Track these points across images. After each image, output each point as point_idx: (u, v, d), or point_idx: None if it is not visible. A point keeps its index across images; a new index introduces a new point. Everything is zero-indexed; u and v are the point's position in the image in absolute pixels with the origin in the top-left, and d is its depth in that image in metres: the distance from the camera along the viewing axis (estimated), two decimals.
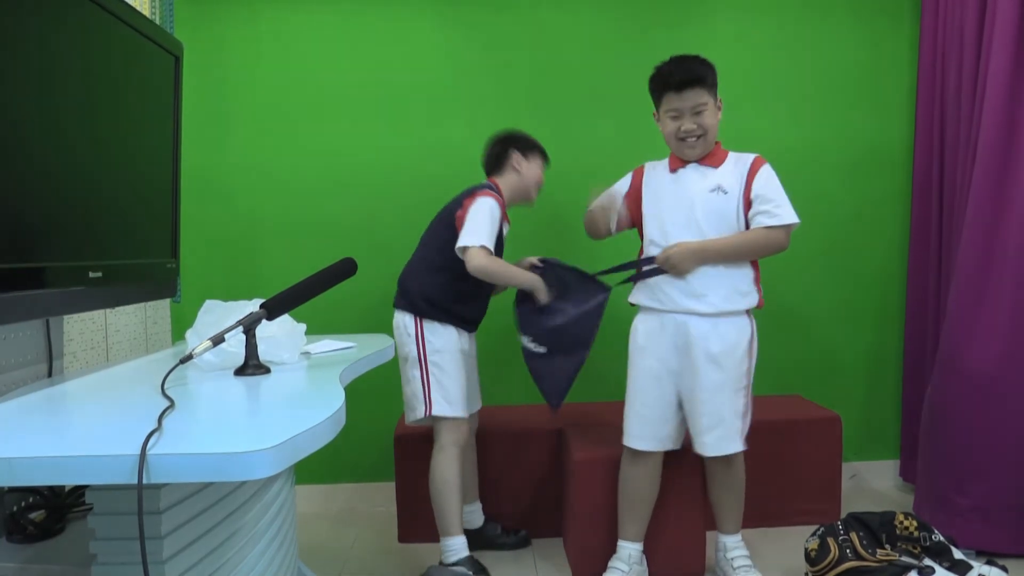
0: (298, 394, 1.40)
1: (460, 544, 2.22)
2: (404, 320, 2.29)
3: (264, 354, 1.59)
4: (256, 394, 1.38)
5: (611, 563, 2.20)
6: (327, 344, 1.95)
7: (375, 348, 1.91)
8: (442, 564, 2.22)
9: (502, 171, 2.36)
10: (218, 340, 1.48)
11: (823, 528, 2.13)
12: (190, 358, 1.45)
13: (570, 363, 2.25)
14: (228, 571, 1.37)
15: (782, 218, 2.04)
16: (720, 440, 2.07)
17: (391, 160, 2.90)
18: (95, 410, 1.28)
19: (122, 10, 1.69)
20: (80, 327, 2.05)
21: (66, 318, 1.94)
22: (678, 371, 2.11)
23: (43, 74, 1.43)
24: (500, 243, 2.27)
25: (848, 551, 2.03)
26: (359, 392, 2.81)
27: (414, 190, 2.90)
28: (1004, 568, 1.97)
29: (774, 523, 2.66)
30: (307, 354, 1.81)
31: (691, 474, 2.28)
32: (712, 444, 2.07)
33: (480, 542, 2.48)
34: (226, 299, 1.72)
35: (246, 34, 2.86)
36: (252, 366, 1.53)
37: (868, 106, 2.99)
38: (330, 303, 2.39)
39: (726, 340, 2.06)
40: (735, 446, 2.09)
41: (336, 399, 1.23)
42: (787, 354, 3.01)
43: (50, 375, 1.79)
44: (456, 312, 2.27)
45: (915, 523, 2.07)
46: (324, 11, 2.87)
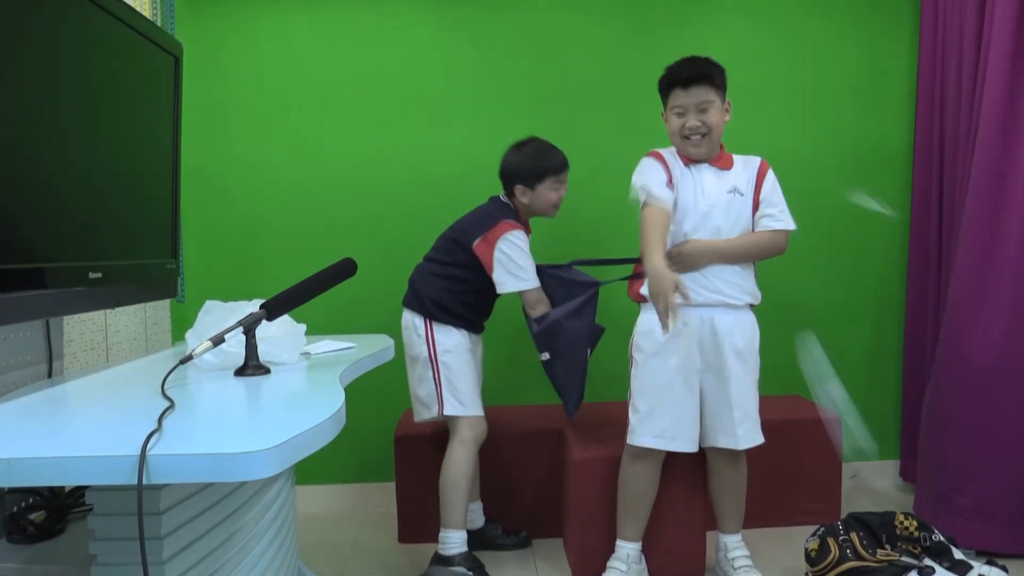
0: (298, 394, 1.40)
1: (460, 539, 2.23)
2: (414, 320, 2.31)
3: (264, 354, 1.59)
4: (256, 394, 1.38)
5: (610, 563, 2.20)
6: (327, 344, 1.95)
7: (375, 348, 1.91)
8: (438, 555, 2.23)
9: (513, 198, 2.36)
10: (218, 340, 1.48)
11: (823, 528, 2.13)
12: (190, 358, 1.45)
13: (572, 364, 2.25)
14: (228, 571, 1.37)
15: (786, 223, 2.11)
16: (750, 432, 2.11)
17: (391, 160, 2.90)
18: (95, 410, 1.28)
19: (122, 11, 1.69)
20: (80, 328, 2.05)
21: (66, 319, 1.94)
22: (702, 368, 2.10)
23: (43, 75, 1.43)
24: None
25: (848, 551, 2.03)
26: (359, 392, 2.80)
27: (414, 190, 2.90)
28: (1004, 568, 1.97)
29: (774, 523, 2.66)
30: (307, 354, 1.81)
31: (691, 474, 2.28)
32: (744, 436, 2.10)
33: (481, 542, 2.48)
34: (226, 299, 1.73)
35: (246, 35, 2.86)
36: (252, 366, 1.53)
37: (868, 105, 2.99)
38: (330, 303, 2.39)
39: (747, 334, 2.11)
40: (760, 437, 2.14)
41: (336, 399, 1.23)
42: (787, 354, 3.01)
43: (50, 376, 1.79)
44: (466, 316, 2.32)
45: (915, 523, 2.07)
46: (324, 12, 2.87)
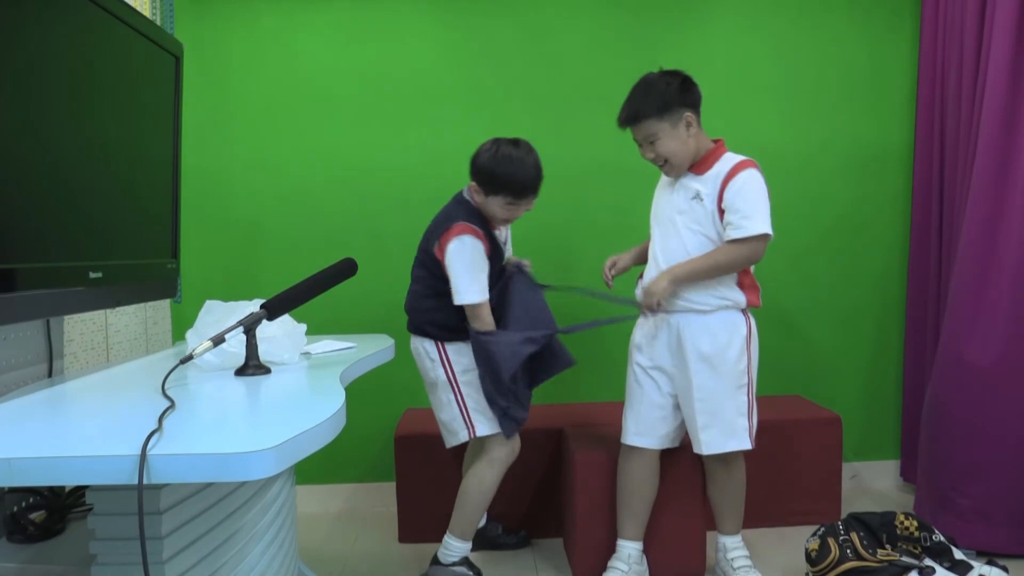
0: (298, 394, 1.40)
1: (464, 549, 2.21)
2: (424, 346, 2.19)
3: (264, 354, 1.59)
4: (256, 394, 1.38)
5: (611, 563, 2.20)
6: (327, 344, 1.95)
7: (375, 348, 1.91)
8: (438, 559, 2.22)
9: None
10: (218, 340, 1.48)
11: (823, 528, 2.13)
12: (190, 358, 1.45)
13: (497, 385, 2.09)
14: (228, 571, 1.37)
15: (747, 229, 1.96)
16: (716, 438, 2.07)
17: (391, 160, 2.90)
18: (95, 410, 1.28)
19: (122, 10, 1.69)
20: (80, 327, 2.05)
21: (66, 318, 1.94)
22: (671, 371, 2.12)
23: (43, 75, 1.43)
24: (498, 256, 2.18)
25: (849, 551, 2.03)
26: (359, 392, 2.81)
27: (414, 190, 2.90)
28: (1004, 568, 1.97)
29: (774, 523, 2.66)
30: (307, 354, 1.81)
31: (691, 474, 2.28)
32: (708, 442, 2.07)
33: (481, 542, 2.48)
34: (226, 299, 1.73)
35: (246, 34, 2.86)
36: (252, 366, 1.53)
37: (868, 106, 2.99)
38: (330, 303, 2.39)
39: (717, 339, 2.06)
40: (733, 444, 2.07)
41: (336, 399, 1.23)
42: (787, 354, 3.01)
43: (50, 375, 1.79)
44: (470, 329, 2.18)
45: (915, 523, 2.07)
46: (324, 11, 2.87)
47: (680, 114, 2.02)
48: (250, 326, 1.52)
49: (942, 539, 2.05)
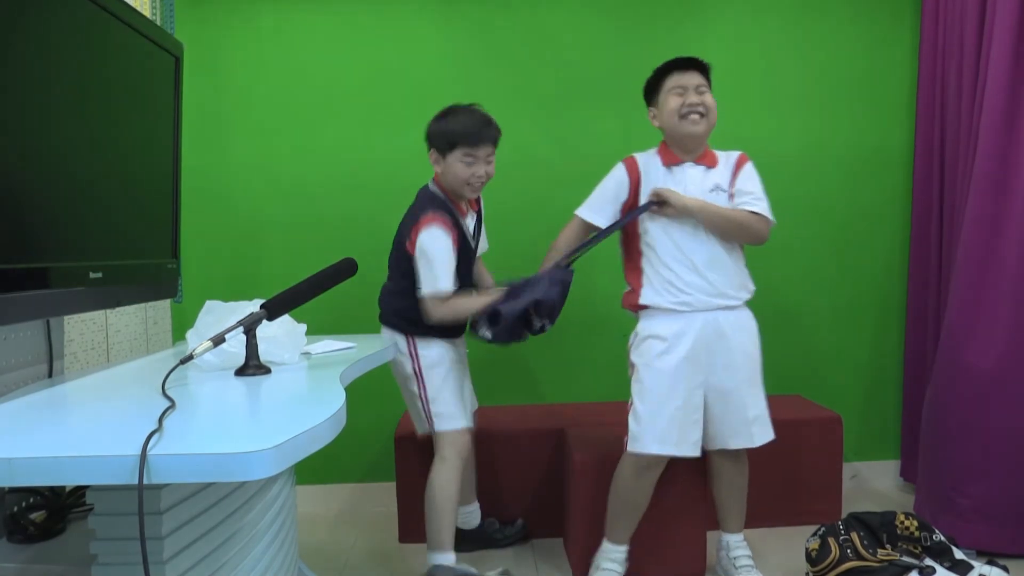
0: (298, 394, 1.40)
1: (449, 560, 2.15)
2: (394, 337, 2.22)
3: (264, 354, 1.59)
4: (256, 394, 1.38)
5: (601, 563, 2.17)
6: (327, 344, 1.95)
7: (375, 348, 1.91)
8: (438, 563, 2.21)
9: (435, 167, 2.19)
10: (219, 340, 1.48)
11: (824, 528, 2.13)
12: (191, 358, 1.45)
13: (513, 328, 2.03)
14: (228, 571, 1.37)
15: (764, 211, 2.07)
16: (764, 429, 2.13)
17: (392, 160, 2.90)
18: (95, 410, 1.28)
19: (122, 10, 1.69)
20: (80, 327, 2.05)
21: (66, 318, 1.94)
22: (707, 370, 2.08)
23: (43, 75, 1.43)
24: (467, 249, 2.18)
25: (849, 551, 2.03)
26: (359, 392, 2.80)
27: (414, 190, 2.87)
28: (1005, 568, 1.97)
29: (775, 523, 2.66)
30: (307, 354, 1.81)
31: (691, 474, 2.27)
32: (759, 434, 2.12)
33: (480, 541, 2.48)
34: (227, 299, 1.72)
35: (246, 34, 2.86)
36: (253, 366, 1.53)
37: (868, 106, 2.99)
38: (330, 303, 2.39)
39: (751, 332, 2.14)
40: (771, 433, 2.15)
41: (336, 399, 1.23)
42: (787, 354, 3.01)
43: (50, 375, 1.79)
44: (439, 326, 2.16)
45: (916, 523, 2.07)
46: (325, 11, 2.87)
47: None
48: (250, 326, 1.52)
49: (942, 539, 2.05)
